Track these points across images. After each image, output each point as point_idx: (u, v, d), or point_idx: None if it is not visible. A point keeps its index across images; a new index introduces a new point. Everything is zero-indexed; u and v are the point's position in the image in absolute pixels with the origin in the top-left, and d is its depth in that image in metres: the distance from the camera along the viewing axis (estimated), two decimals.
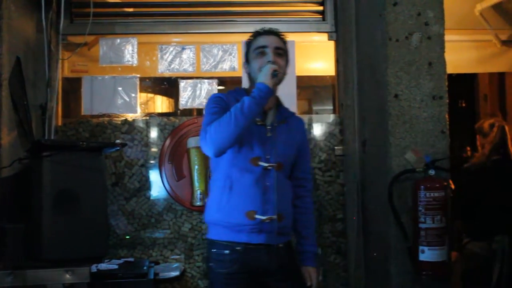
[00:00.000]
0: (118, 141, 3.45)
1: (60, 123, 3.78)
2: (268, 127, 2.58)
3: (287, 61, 2.67)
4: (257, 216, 2.46)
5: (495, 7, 4.79)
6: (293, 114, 2.78)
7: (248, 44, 2.69)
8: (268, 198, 2.49)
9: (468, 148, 7.10)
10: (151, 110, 4.19)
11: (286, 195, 2.62)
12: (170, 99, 4.31)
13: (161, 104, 4.35)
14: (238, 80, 3.84)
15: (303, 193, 2.76)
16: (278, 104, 2.71)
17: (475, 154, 4.26)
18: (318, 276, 2.71)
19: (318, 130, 3.93)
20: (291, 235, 2.69)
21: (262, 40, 2.61)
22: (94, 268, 2.97)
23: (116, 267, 3.16)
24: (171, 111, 4.27)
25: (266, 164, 2.51)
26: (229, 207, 2.49)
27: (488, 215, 3.80)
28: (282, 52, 2.63)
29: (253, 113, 2.39)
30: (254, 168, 2.50)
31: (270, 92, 2.44)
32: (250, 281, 2.52)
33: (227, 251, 2.50)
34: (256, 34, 2.67)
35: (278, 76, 2.48)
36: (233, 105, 2.47)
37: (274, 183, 2.52)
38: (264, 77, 2.44)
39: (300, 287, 2.68)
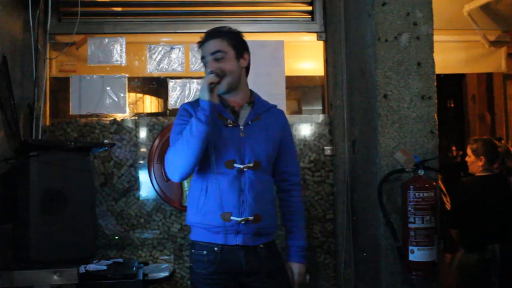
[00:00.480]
0: (106, 141, 3.43)
1: (48, 123, 3.76)
2: (241, 127, 2.54)
3: (238, 54, 2.56)
4: (233, 218, 2.45)
5: (483, 7, 4.82)
6: (271, 107, 2.69)
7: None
8: (243, 200, 2.47)
9: (454, 148, 7.18)
10: (140, 110, 4.17)
11: (265, 195, 2.56)
12: (159, 99, 4.29)
13: (150, 104, 4.33)
14: None
15: (287, 187, 2.71)
16: (252, 100, 2.64)
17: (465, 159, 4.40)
18: (302, 273, 2.64)
19: (307, 130, 3.92)
20: (274, 235, 2.67)
21: (201, 51, 2.56)
22: (82, 269, 2.95)
23: (105, 267, 3.14)
24: (160, 111, 4.25)
25: (241, 166, 2.48)
26: (206, 209, 2.48)
27: (482, 227, 3.96)
28: (222, 54, 2.52)
29: (203, 133, 2.34)
30: (229, 170, 2.48)
31: (213, 106, 2.36)
32: (228, 281, 2.50)
33: (205, 252, 2.50)
34: (199, 42, 2.60)
35: (219, 84, 2.39)
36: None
37: (250, 183, 2.48)
38: (202, 93, 2.36)
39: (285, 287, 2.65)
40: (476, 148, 4.22)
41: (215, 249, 2.48)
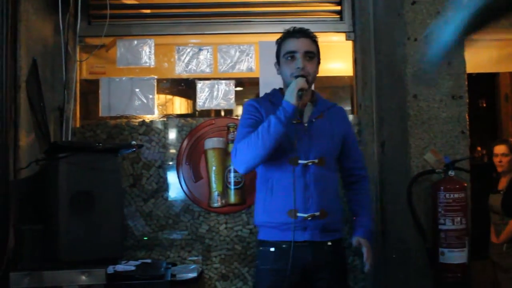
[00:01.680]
0: (133, 142, 3.44)
1: (78, 125, 3.80)
2: (305, 124, 2.57)
3: (318, 61, 2.67)
4: (299, 214, 2.50)
5: None
6: (333, 105, 2.77)
7: (279, 44, 2.68)
8: (309, 196, 2.53)
9: (479, 148, 7.11)
10: (169, 111, 4.19)
11: (330, 191, 2.61)
12: (188, 100, 4.30)
13: (179, 105, 4.34)
14: (255, 81, 3.82)
15: (354, 180, 2.80)
16: (315, 98, 2.72)
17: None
18: (368, 249, 2.62)
19: None
20: (341, 232, 2.70)
21: (292, 45, 2.60)
22: (111, 269, 2.96)
23: (133, 268, 3.14)
24: (189, 112, 4.26)
25: (306, 162, 2.52)
26: (272, 208, 2.56)
27: None
28: (313, 55, 2.61)
29: (279, 133, 2.41)
30: (294, 167, 2.52)
31: (296, 111, 2.46)
32: (294, 278, 2.54)
33: (272, 249, 2.57)
34: (286, 36, 2.65)
35: (303, 96, 2.46)
36: (266, 108, 2.55)
37: (315, 179, 2.55)
38: (289, 96, 2.43)
39: (345, 286, 2.72)
40: None
41: (283, 246, 2.54)
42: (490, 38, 4.97)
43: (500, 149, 4.68)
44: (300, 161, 2.53)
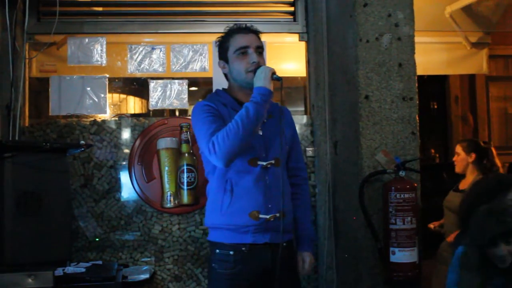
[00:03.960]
0: (82, 142, 3.38)
1: (27, 124, 3.70)
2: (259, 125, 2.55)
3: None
4: (261, 216, 2.47)
5: (465, 9, 4.84)
6: (277, 105, 2.73)
7: (225, 41, 2.64)
8: (270, 197, 2.51)
9: (433, 151, 7.23)
10: (122, 111, 4.13)
11: (287, 191, 2.62)
12: (140, 100, 4.25)
13: (131, 104, 4.29)
14: (209, 80, 3.81)
15: (299, 182, 2.78)
16: None
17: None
18: (312, 262, 2.72)
19: None
20: (292, 232, 2.70)
21: (242, 40, 2.58)
22: (60, 271, 2.90)
23: (83, 270, 3.09)
24: (142, 111, 4.21)
25: (264, 163, 2.50)
26: (232, 209, 2.50)
27: None
28: (262, 50, 2.62)
29: (260, 118, 2.40)
30: (253, 168, 2.51)
31: (272, 95, 2.44)
32: (252, 280, 2.52)
33: (231, 252, 2.51)
34: (234, 32, 2.62)
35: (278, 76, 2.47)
36: (221, 109, 2.51)
37: (275, 180, 2.53)
38: (263, 80, 2.43)
39: (299, 285, 2.72)
40: None
41: (243, 249, 2.50)
42: (440, 41, 5.09)
43: (456, 148, 4.42)
44: (259, 162, 2.51)
